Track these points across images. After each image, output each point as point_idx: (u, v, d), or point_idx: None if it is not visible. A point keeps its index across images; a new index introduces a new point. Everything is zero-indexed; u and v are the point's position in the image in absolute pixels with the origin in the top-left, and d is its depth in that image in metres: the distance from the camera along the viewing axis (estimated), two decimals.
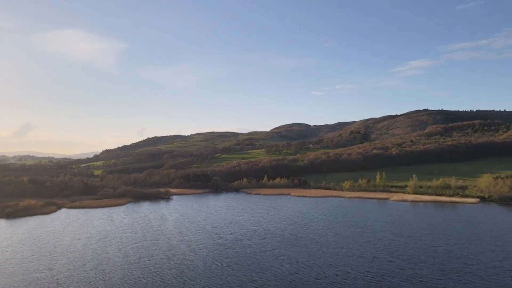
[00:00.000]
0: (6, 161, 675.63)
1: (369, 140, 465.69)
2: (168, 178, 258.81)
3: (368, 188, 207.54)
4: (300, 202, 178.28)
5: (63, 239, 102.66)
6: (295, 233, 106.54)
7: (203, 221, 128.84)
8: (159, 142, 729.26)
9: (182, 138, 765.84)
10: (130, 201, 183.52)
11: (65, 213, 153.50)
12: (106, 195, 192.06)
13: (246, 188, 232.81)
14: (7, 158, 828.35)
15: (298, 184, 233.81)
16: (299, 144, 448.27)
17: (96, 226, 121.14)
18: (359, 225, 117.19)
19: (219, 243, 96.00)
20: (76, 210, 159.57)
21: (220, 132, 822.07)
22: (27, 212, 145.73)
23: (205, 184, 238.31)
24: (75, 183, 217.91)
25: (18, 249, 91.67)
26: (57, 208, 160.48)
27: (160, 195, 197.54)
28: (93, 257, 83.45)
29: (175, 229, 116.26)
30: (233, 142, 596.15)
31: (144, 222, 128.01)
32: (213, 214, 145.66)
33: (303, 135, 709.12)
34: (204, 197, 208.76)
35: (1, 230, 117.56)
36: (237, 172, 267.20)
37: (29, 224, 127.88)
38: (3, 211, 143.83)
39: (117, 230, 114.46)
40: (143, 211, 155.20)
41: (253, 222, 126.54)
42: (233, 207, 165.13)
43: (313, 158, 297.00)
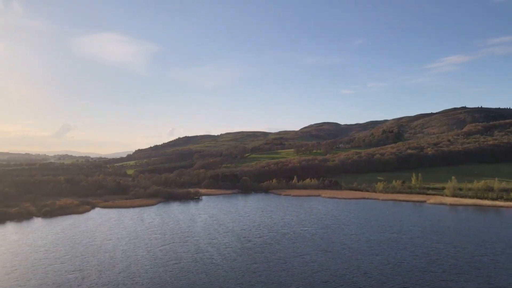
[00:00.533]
0: (46, 160, 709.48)
1: (402, 139, 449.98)
2: (198, 178, 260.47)
3: (402, 190, 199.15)
4: (331, 204, 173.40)
5: (94, 240, 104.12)
6: (327, 238, 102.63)
7: (232, 223, 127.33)
8: (189, 141, 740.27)
9: (212, 138, 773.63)
10: (161, 201, 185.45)
11: (98, 212, 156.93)
12: (138, 195, 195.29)
13: (275, 189, 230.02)
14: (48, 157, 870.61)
15: (329, 185, 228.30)
16: (329, 143, 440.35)
17: (127, 227, 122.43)
18: (394, 230, 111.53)
19: (248, 247, 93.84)
20: (108, 210, 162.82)
21: (250, 131, 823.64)
22: (62, 211, 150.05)
23: (234, 185, 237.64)
24: (108, 182, 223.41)
25: (52, 249, 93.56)
26: (91, 208, 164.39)
27: (190, 196, 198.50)
28: (122, 259, 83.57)
29: (203, 231, 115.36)
30: (263, 141, 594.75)
31: (173, 223, 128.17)
32: (242, 215, 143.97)
33: (333, 135, 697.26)
34: (233, 197, 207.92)
35: (38, 229, 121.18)
36: (267, 172, 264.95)
37: (64, 223, 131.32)
38: (41, 210, 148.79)
39: (147, 231, 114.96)
40: (172, 212, 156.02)
41: (283, 224, 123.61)
42: (262, 208, 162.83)
43: (344, 158, 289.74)
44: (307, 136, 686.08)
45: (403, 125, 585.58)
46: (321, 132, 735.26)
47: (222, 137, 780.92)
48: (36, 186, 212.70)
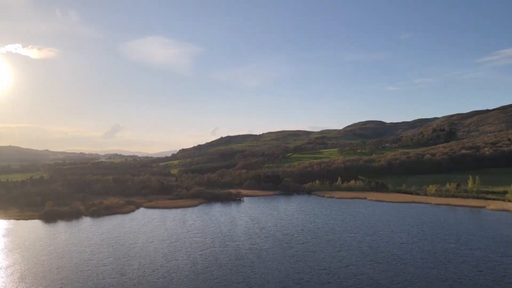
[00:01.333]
0: (98, 159, 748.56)
1: (455, 138, 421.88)
2: (240, 178, 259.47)
3: (458, 194, 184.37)
4: (378, 207, 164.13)
5: (137, 241, 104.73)
6: (375, 246, 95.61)
7: (274, 227, 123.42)
8: (232, 141, 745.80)
9: (254, 137, 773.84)
10: (202, 202, 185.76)
11: (142, 213, 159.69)
12: (180, 195, 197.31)
13: (318, 190, 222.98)
14: (99, 156, 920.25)
15: (375, 187, 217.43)
16: (375, 143, 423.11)
17: (169, 228, 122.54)
18: (451, 240, 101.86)
19: (290, 254, 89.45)
20: (152, 210, 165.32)
21: (291, 130, 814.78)
22: (109, 211, 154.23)
23: (276, 186, 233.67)
24: (152, 182, 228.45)
25: (96, 250, 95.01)
26: (136, 208, 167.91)
27: (231, 197, 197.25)
28: (162, 264, 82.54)
29: (244, 235, 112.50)
30: (305, 141, 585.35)
31: (214, 226, 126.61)
32: (284, 219, 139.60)
33: (379, 133, 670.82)
34: (274, 199, 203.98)
35: (85, 229, 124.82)
36: (309, 173, 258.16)
37: (109, 223, 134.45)
38: (89, 210, 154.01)
39: (188, 234, 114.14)
40: (214, 214, 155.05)
41: (327, 230, 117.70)
42: (305, 211, 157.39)
43: (391, 158, 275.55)
44: (351, 135, 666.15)
45: (455, 123, 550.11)
46: (366, 131, 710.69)
47: (264, 136, 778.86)
48: (86, 185, 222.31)
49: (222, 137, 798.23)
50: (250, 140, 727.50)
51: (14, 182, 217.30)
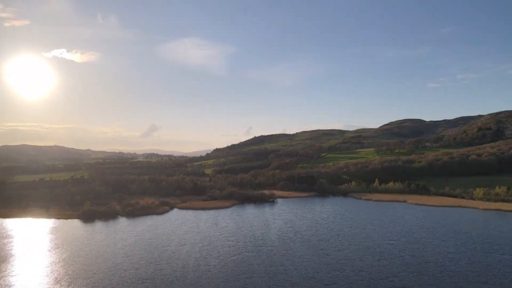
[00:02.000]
0: (136, 158, 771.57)
1: (503, 137, 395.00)
2: (273, 179, 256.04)
3: (508, 198, 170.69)
4: (420, 211, 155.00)
5: (170, 244, 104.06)
6: (419, 256, 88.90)
7: (308, 231, 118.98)
8: (265, 140, 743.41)
9: (288, 137, 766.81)
10: (236, 204, 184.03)
11: (176, 214, 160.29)
12: (214, 196, 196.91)
13: (355, 192, 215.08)
14: (137, 155, 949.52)
15: (416, 190, 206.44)
16: (414, 142, 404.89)
17: (201, 231, 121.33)
18: (504, 250, 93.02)
19: (326, 262, 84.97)
20: (185, 211, 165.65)
21: (326, 129, 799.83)
22: (144, 212, 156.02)
23: (310, 187, 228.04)
24: (186, 183, 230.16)
25: (129, 253, 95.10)
26: (170, 208, 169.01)
27: (265, 198, 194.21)
28: (194, 269, 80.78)
29: (278, 239, 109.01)
30: (340, 140, 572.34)
31: (247, 229, 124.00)
32: (319, 222, 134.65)
33: (417, 132, 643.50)
34: (309, 201, 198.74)
35: (120, 230, 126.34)
36: (345, 174, 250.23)
37: (144, 224, 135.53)
38: (125, 210, 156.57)
39: (220, 237, 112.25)
40: (247, 216, 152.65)
41: (365, 236, 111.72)
42: (341, 214, 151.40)
43: (433, 159, 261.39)
44: (388, 134, 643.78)
45: (502, 120, 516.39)
46: (404, 129, 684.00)
47: (298, 135, 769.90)
48: (123, 185, 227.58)
49: (256, 137, 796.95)
50: (283, 139, 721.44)
51: (56, 181, 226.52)
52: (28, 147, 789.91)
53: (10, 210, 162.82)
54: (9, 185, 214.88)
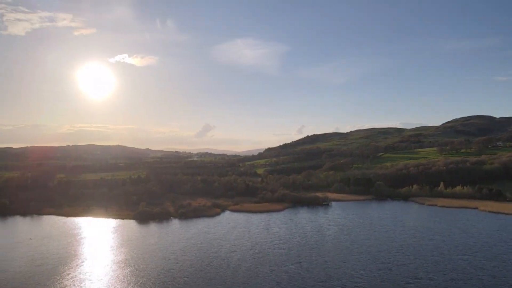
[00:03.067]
0: (190, 157, 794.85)
1: None
2: (327, 180, 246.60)
3: None
4: (495, 220, 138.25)
5: (220, 250, 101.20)
6: (500, 277, 76.79)
7: (367, 241, 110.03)
8: (318, 140, 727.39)
9: (341, 136, 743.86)
10: (288, 207, 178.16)
11: (227, 216, 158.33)
12: (265, 198, 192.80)
13: (416, 196, 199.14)
14: (192, 155, 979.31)
15: (488, 195, 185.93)
16: (483, 141, 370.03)
17: (252, 237, 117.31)
18: None
19: (389, 279, 76.37)
20: (237, 214, 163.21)
21: (382, 128, 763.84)
22: (196, 214, 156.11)
23: (367, 190, 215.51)
24: (238, 184, 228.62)
25: (180, 258, 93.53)
26: (221, 211, 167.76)
27: (318, 201, 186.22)
28: (244, 280, 76.52)
29: (334, 249, 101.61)
30: (397, 139, 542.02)
31: (300, 236, 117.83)
32: (378, 230, 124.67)
33: (485, 130, 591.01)
34: (366, 205, 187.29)
35: (173, 233, 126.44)
36: (405, 176, 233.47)
37: (196, 227, 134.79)
38: (178, 211, 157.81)
39: (272, 244, 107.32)
40: (299, 220, 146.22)
41: (432, 248, 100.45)
42: (403, 222, 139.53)
43: (507, 160, 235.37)
44: (451, 132, 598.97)
45: None
46: (469, 127, 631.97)
47: (352, 134, 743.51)
48: (177, 185, 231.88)
49: (308, 136, 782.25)
50: (337, 138, 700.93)
51: (116, 181, 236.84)
52: (94, 146, 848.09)
53: (74, 208, 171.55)
54: (74, 184, 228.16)
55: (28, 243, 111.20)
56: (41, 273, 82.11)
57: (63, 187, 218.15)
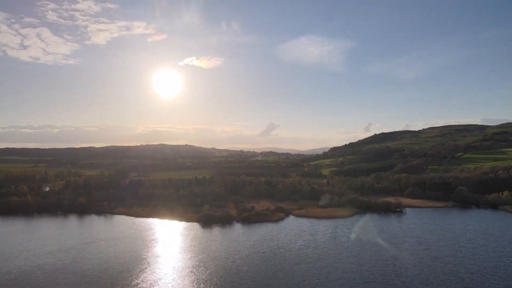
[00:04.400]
0: (255, 156, 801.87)
1: None
2: (399, 184, 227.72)
3: None
4: None
5: (284, 262, 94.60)
6: None
7: (451, 258, 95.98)
8: (387, 138, 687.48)
9: (412, 134, 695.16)
10: (357, 213, 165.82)
11: (291, 222, 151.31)
12: (331, 203, 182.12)
13: (508, 204, 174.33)
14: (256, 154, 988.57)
15: None
16: None
17: (318, 246, 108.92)
18: None
19: None
20: (301, 219, 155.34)
21: (459, 125, 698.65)
22: (259, 218, 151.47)
23: (446, 196, 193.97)
24: (303, 186, 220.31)
25: (242, 268, 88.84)
26: (285, 215, 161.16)
27: (390, 208, 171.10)
28: None
29: (412, 267, 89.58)
30: (479, 137, 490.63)
31: (371, 247, 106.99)
32: (465, 246, 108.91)
33: None
34: (445, 213, 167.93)
35: (235, 239, 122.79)
36: (493, 180, 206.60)
37: (259, 233, 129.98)
38: (240, 215, 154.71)
39: (340, 257, 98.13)
40: (370, 229, 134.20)
41: None
42: (494, 235, 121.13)
43: None
44: None
45: None
46: None
47: (425, 132, 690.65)
48: (240, 187, 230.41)
49: (376, 134, 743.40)
50: (408, 137, 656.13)
51: (182, 181, 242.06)
52: (165, 146, 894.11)
53: (143, 209, 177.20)
54: (144, 184, 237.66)
55: (98, 244, 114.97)
56: (106, 278, 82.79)
57: (134, 187, 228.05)
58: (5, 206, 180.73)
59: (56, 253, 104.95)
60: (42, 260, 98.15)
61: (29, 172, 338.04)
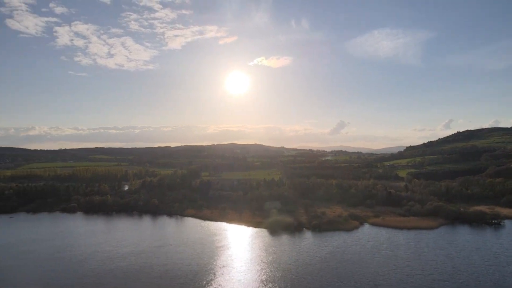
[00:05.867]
0: (324, 155, 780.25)
1: None
2: (493, 190, 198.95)
3: None
4: None
5: (361, 281, 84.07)
6: None
7: None
8: (473, 136, 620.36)
9: (504, 131, 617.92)
10: (443, 224, 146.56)
11: (367, 231, 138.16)
12: (413, 211, 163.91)
13: None
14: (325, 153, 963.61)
15: None
16: None
17: (400, 265, 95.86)
18: None
19: None
20: (378, 229, 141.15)
21: None
22: (331, 226, 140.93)
23: None
24: (378, 191, 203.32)
25: (314, 285, 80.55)
26: (360, 224, 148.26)
27: (485, 219, 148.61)
28: None
29: None
30: None
31: (467, 270, 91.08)
32: None
33: None
34: None
35: (305, 250, 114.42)
36: None
37: (331, 244, 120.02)
38: (311, 223, 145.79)
39: (427, 279, 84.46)
40: (462, 245, 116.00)
41: None
42: None
43: None
44: None
45: None
46: None
47: None
48: (310, 190, 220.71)
49: (459, 132, 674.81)
50: (498, 134, 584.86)
51: (251, 183, 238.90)
52: (235, 145, 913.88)
53: (211, 211, 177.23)
54: (213, 185, 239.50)
55: (167, 249, 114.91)
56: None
57: (204, 188, 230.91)
58: (89, 204, 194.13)
59: (128, 257, 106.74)
60: (114, 264, 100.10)
61: (112, 171, 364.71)
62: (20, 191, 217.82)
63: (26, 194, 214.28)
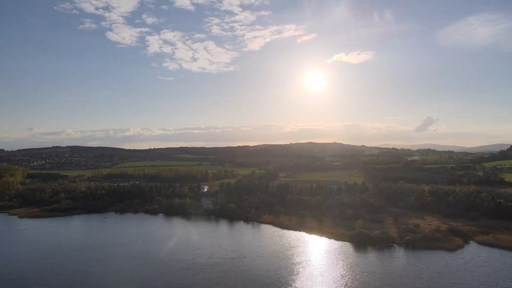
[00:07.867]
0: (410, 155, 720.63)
1: None
2: None
3: None
4: None
5: None
6: None
7: None
8: None
9: None
10: None
11: (474, 252, 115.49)
12: None
13: None
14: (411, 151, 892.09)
15: None
16: None
17: None
18: None
19: None
20: (489, 250, 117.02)
21: None
22: (427, 244, 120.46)
23: None
24: (483, 201, 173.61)
25: None
26: (463, 242, 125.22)
27: None
28: None
29: None
30: None
31: None
32: None
33: None
34: None
35: (396, 273, 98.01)
36: None
37: (428, 267, 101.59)
38: (402, 237, 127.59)
39: None
40: None
41: None
42: None
43: None
44: None
45: None
46: None
47: None
48: (399, 196, 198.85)
49: None
50: None
51: (331, 188, 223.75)
52: (313, 144, 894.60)
53: (289, 218, 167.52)
54: (291, 189, 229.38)
55: (241, 262, 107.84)
56: None
57: (281, 192, 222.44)
58: (170, 207, 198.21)
59: (203, 267, 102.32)
60: (190, 273, 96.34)
61: (192, 171, 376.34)
62: (110, 191, 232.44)
63: (115, 194, 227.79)
